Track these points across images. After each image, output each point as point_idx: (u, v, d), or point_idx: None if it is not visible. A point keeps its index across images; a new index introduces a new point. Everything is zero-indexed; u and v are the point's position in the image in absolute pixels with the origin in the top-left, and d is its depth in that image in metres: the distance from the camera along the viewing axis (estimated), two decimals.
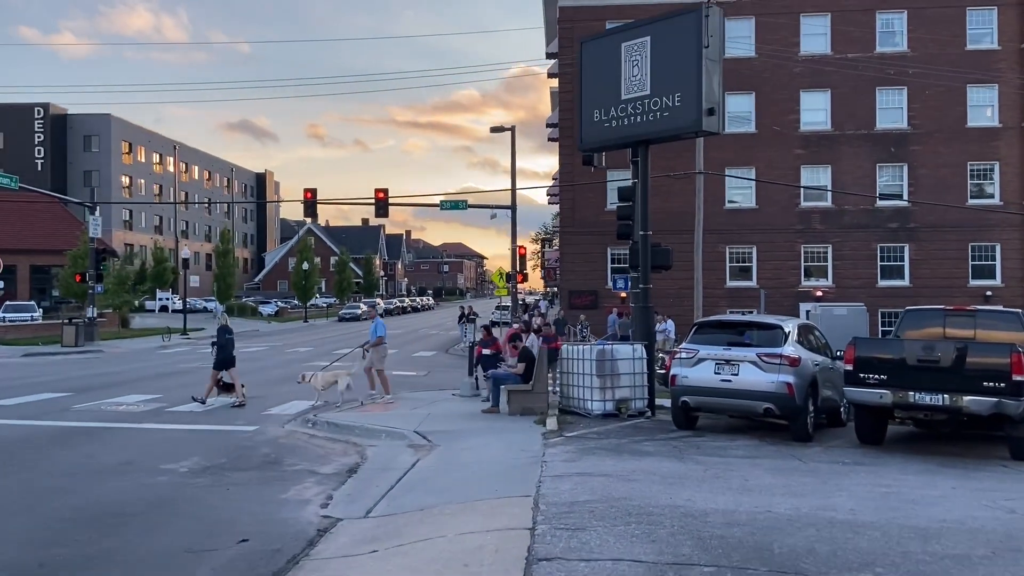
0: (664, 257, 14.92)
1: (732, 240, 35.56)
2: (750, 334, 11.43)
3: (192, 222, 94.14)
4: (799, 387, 10.93)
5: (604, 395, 12.81)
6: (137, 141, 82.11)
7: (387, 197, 35.15)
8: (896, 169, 35.30)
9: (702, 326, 11.96)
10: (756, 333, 11.44)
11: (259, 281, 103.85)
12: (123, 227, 79.61)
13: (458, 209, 36.42)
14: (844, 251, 35.21)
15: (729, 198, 35.92)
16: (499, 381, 13.41)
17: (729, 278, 35.77)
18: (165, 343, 37.11)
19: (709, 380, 11.25)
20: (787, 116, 35.37)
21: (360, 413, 13.96)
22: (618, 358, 12.91)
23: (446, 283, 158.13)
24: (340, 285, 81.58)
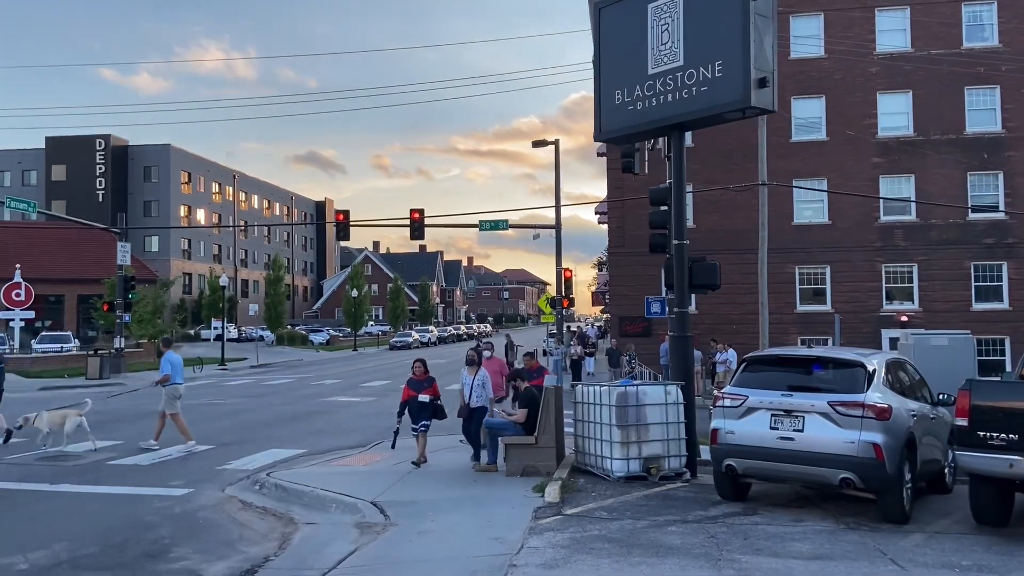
0: (709, 274, 11.94)
1: (802, 260, 31.96)
2: (820, 374, 8.37)
3: (251, 250, 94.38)
4: (891, 449, 7.81)
5: (627, 452, 9.88)
6: (197, 171, 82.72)
7: (423, 218, 33.04)
8: (990, 177, 31.23)
9: (753, 362, 8.92)
10: (828, 373, 8.37)
11: (317, 309, 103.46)
12: (182, 256, 79.99)
13: (498, 229, 33.92)
14: (932, 270, 31.22)
15: (798, 213, 32.37)
16: (495, 432, 10.61)
17: (800, 302, 32.12)
18: (196, 374, 35.49)
19: (763, 438, 8.23)
20: (862, 121, 31.76)
21: (333, 467, 11.36)
22: (646, 403, 9.97)
23: (507, 310, 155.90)
24: (394, 312, 80.00)
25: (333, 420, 18.22)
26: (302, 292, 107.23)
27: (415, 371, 11.45)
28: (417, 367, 11.53)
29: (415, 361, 11.76)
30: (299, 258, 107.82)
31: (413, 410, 11.32)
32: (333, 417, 18.88)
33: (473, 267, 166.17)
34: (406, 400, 11.39)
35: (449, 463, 11.37)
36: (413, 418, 11.38)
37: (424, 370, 11.47)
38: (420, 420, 11.33)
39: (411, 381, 11.46)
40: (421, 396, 11.22)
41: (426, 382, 11.36)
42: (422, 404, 11.21)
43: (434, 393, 11.30)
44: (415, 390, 11.31)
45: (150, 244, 78.63)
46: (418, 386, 11.38)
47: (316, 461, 12.04)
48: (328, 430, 16.39)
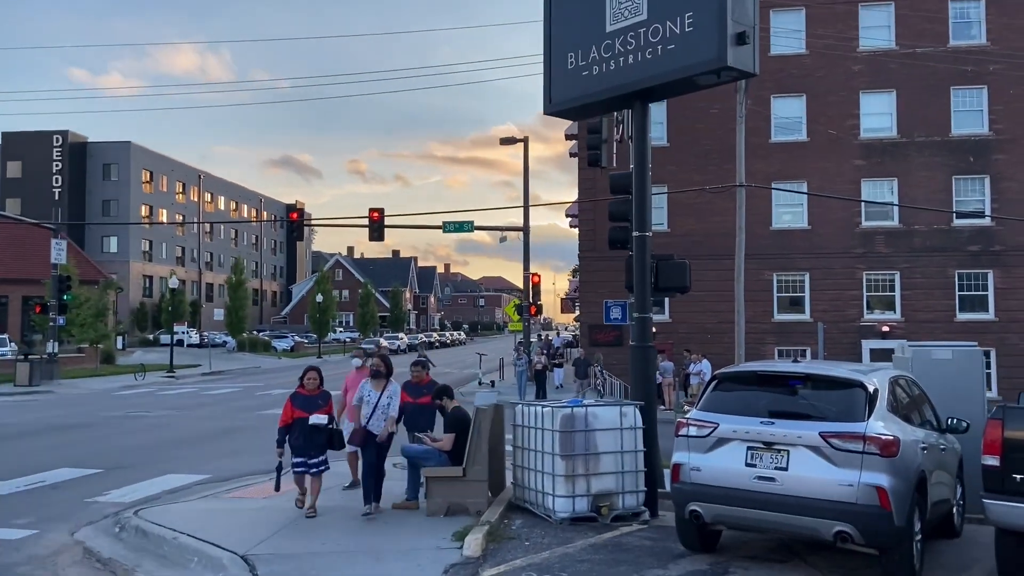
0: (677, 275, 10.20)
1: (780, 266, 30.44)
2: (808, 396, 6.60)
3: (217, 253, 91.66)
4: (899, 494, 6.06)
5: (573, 487, 8.05)
6: (159, 170, 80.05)
7: (382, 218, 31.13)
8: (976, 182, 29.92)
9: (725, 380, 7.10)
10: (819, 395, 6.59)
11: (286, 315, 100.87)
12: (142, 258, 77.31)
13: (463, 231, 32.10)
14: (915, 279, 29.82)
15: (776, 217, 30.87)
16: (416, 462, 8.72)
17: (777, 310, 30.58)
18: (137, 382, 33.23)
19: (737, 477, 6.44)
20: (844, 122, 30.35)
21: (223, 501, 9.43)
22: (596, 428, 8.16)
23: (483, 317, 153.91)
24: (363, 319, 77.79)
25: (259, 438, 16.23)
26: (271, 297, 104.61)
27: (306, 383, 8.55)
28: (310, 379, 8.58)
29: (307, 370, 8.70)
30: (268, 262, 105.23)
31: (301, 437, 8.36)
32: (260, 434, 16.87)
33: (450, 274, 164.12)
34: (289, 423, 8.45)
35: None
36: (299, 449, 8.38)
37: (319, 383, 8.64)
38: (311, 453, 8.35)
39: (298, 397, 8.53)
40: (314, 418, 8.33)
41: (320, 398, 8.55)
42: (314, 429, 8.32)
43: (329, 412, 8.62)
44: (305, 409, 8.43)
45: (108, 245, 75.83)
46: (309, 404, 8.44)
47: (211, 491, 10.10)
48: (247, 450, 14.43)
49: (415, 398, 9.40)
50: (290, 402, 8.58)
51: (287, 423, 8.50)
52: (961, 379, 9.69)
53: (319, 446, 8.46)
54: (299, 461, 8.50)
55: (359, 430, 8.57)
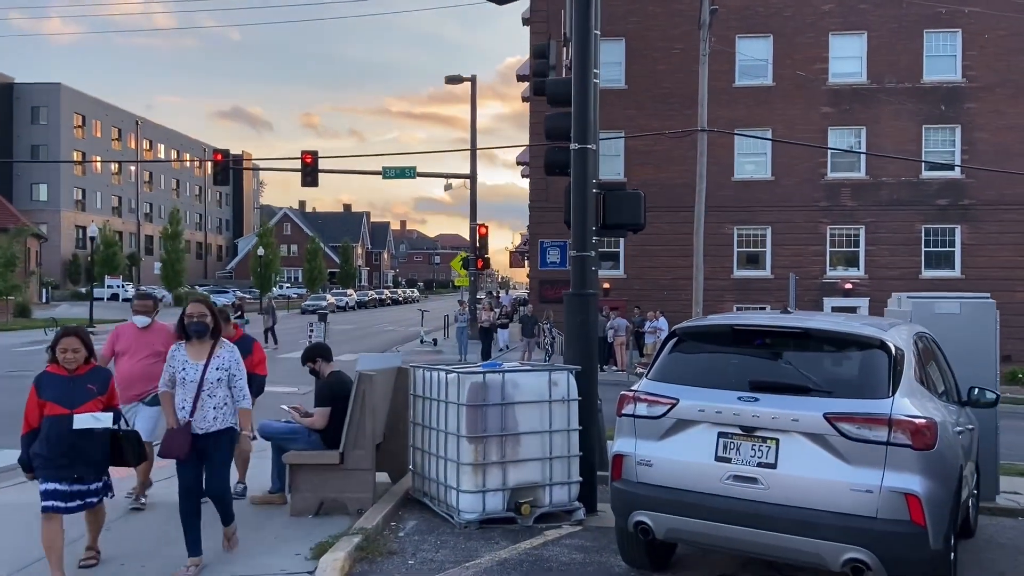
0: (629, 208, 8.23)
1: (742, 220, 28.75)
2: (806, 361, 4.64)
3: (157, 204, 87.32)
4: (936, 504, 4.18)
5: (483, 479, 6.07)
6: (93, 115, 75.28)
7: (315, 161, 28.57)
8: (946, 132, 28.43)
9: (689, 338, 5.08)
10: (822, 359, 4.64)
11: (231, 270, 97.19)
12: (75, 207, 72.97)
13: (405, 178, 29.71)
14: (880, 233, 28.40)
15: (739, 168, 29.08)
16: (279, 443, 6.62)
17: (737, 266, 28.97)
18: (48, 337, 30.41)
19: (703, 475, 4.49)
20: (812, 66, 28.48)
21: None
22: (517, 400, 6.15)
23: (438, 275, 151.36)
24: (310, 274, 74.94)
25: None
26: (216, 251, 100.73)
27: (62, 361, 4.97)
28: (67, 351, 4.94)
29: (61, 337, 5.08)
30: (213, 215, 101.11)
31: (58, 448, 4.88)
32: None
33: (406, 231, 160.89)
34: (36, 427, 4.96)
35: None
36: (55, 469, 4.88)
37: (87, 356, 5.06)
38: (78, 474, 4.94)
39: (49, 382, 5.00)
40: (81, 418, 4.89)
41: (91, 380, 5.05)
42: (81, 436, 4.90)
43: (112, 403, 5.18)
44: (62, 401, 4.94)
45: (37, 193, 71.38)
46: (69, 393, 4.95)
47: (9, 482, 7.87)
48: None
49: None
50: (35, 391, 4.99)
51: (33, 427, 4.96)
52: (970, 337, 7.90)
53: (94, 463, 5.00)
54: (54, 490, 4.88)
55: (178, 432, 5.15)
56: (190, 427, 5.18)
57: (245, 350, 6.51)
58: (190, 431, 5.16)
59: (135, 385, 6.48)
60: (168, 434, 5.24)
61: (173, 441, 5.17)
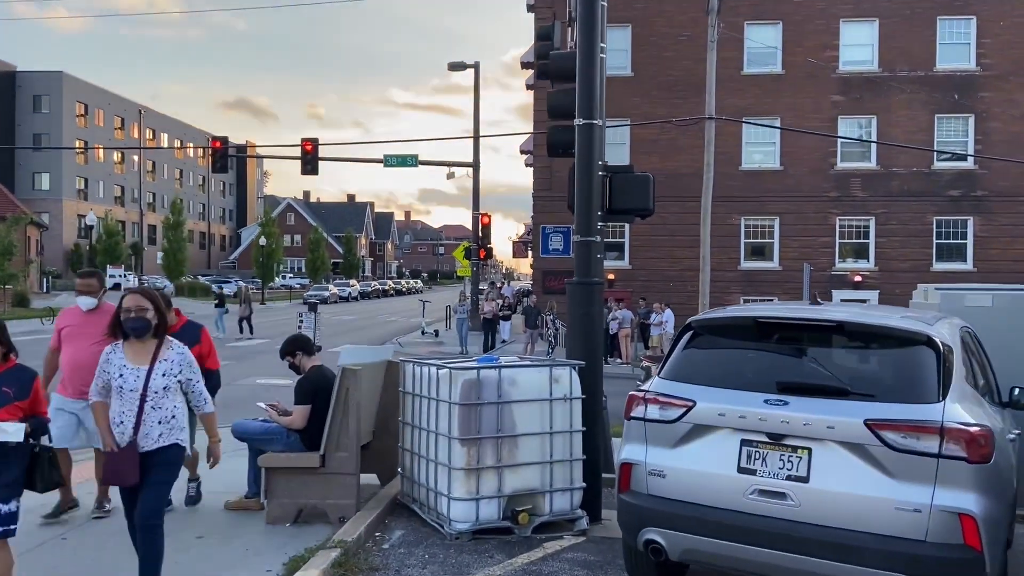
0: (637, 191, 7.71)
1: (750, 210, 28.15)
2: (843, 359, 4.10)
3: (160, 194, 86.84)
4: (993, 525, 3.64)
5: (477, 486, 5.55)
6: (95, 103, 74.75)
7: (316, 149, 28.05)
8: (960, 121, 27.75)
9: (705, 331, 4.52)
10: (861, 357, 4.10)
11: (234, 259, 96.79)
12: (77, 196, 72.54)
13: (407, 166, 29.15)
14: (891, 225, 27.79)
15: (746, 157, 28.45)
16: (254, 444, 6.10)
17: (744, 258, 28.38)
18: (44, 326, 29.99)
19: (724, 489, 3.95)
20: (823, 53, 27.80)
21: None
22: (514, 399, 5.63)
23: (443, 266, 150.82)
24: (313, 264, 74.41)
25: None
26: (220, 241, 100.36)
27: None
28: None
29: None
30: (217, 205, 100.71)
31: None
32: None
33: (410, 222, 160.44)
34: None
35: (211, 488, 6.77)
36: None
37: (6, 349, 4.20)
38: None
39: None
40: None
41: (9, 378, 4.14)
42: None
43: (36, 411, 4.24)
44: None
45: (39, 182, 71.03)
46: None
47: None
48: None
49: None
50: None
51: None
52: (1004, 332, 7.32)
53: (6, 485, 4.05)
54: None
55: (121, 455, 4.21)
56: (136, 448, 4.14)
57: (191, 339, 5.71)
58: (136, 452, 4.14)
59: (81, 376, 5.53)
60: (109, 458, 4.24)
61: (117, 466, 4.15)
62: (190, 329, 6.09)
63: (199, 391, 4.45)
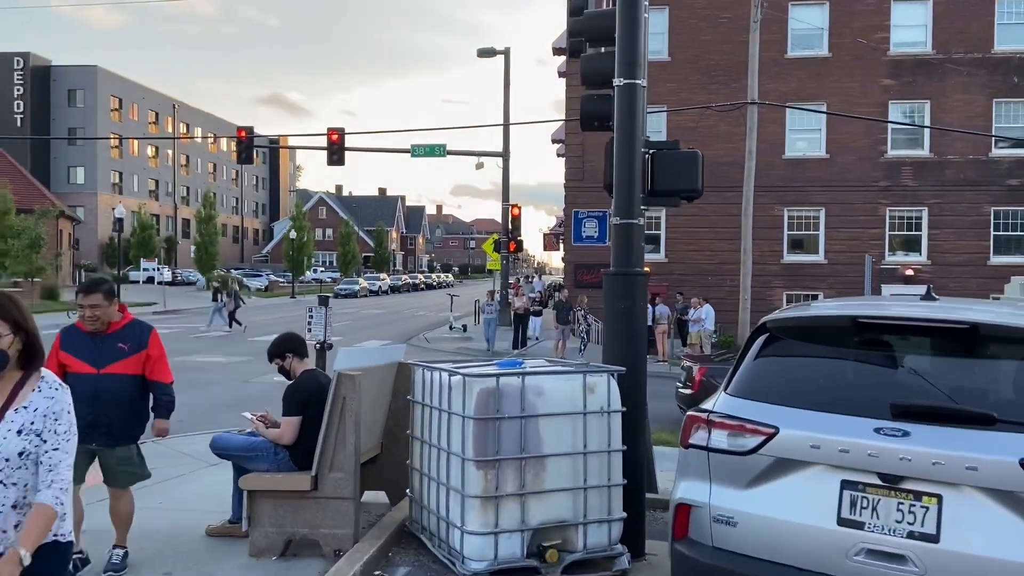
0: (684, 170, 6.72)
1: (793, 201, 26.82)
2: (977, 375, 3.07)
3: (195, 187, 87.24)
4: None
5: (496, 516, 4.60)
6: (129, 97, 75.17)
7: (342, 139, 27.34)
8: (1020, 106, 26.17)
9: (786, 334, 3.49)
10: (1004, 372, 3.07)
11: (267, 253, 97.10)
12: (112, 190, 73.05)
13: (435, 155, 28.35)
14: (944, 216, 26.28)
15: (790, 145, 27.11)
16: (234, 460, 5.21)
17: (787, 250, 27.06)
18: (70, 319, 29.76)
19: (816, 546, 2.94)
20: (872, 35, 26.34)
21: None
22: (540, 411, 4.66)
23: (474, 260, 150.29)
24: (344, 258, 74.12)
25: None
26: (252, 235, 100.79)
27: None
28: None
29: None
30: (250, 199, 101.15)
31: None
32: None
33: (442, 216, 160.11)
34: None
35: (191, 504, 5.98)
36: None
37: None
38: None
39: None
40: None
41: None
42: None
43: None
44: None
45: (75, 176, 71.68)
46: None
47: None
48: None
49: (97, 365, 4.51)
50: None
51: None
52: None
53: None
54: None
55: None
56: None
57: (136, 343, 4.63)
58: None
59: None
60: None
61: None
62: (134, 330, 4.77)
63: (55, 464, 2.65)
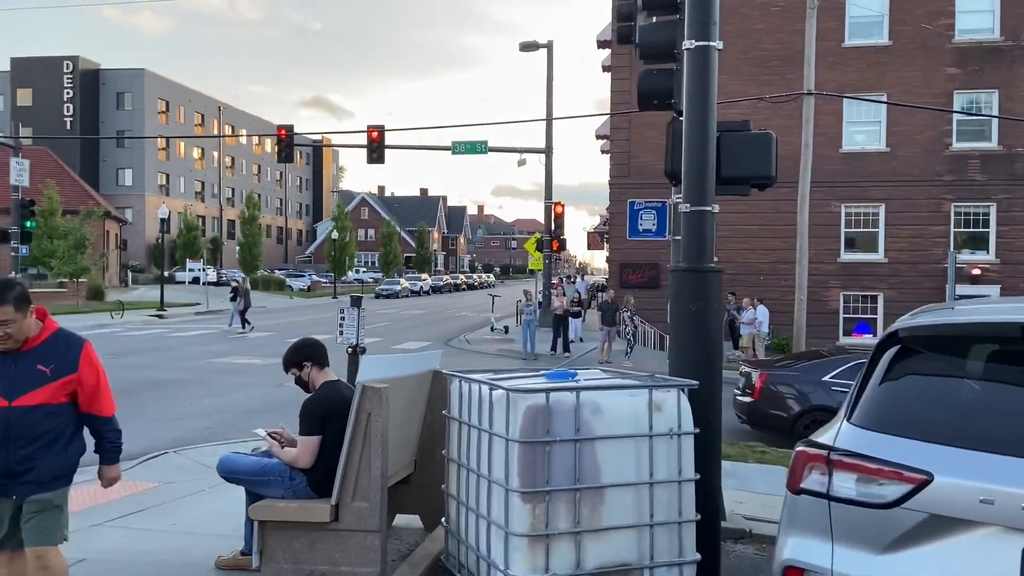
0: (756, 153, 5.93)
1: (851, 196, 25.59)
2: None
3: (239, 189, 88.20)
4: None
5: (546, 558, 3.85)
6: (176, 100, 76.24)
7: (382, 137, 26.92)
8: None
9: (923, 344, 2.68)
10: None
11: (310, 254, 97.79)
12: (159, 192, 74.14)
13: (476, 152, 27.75)
14: (1014, 212, 24.82)
15: (847, 138, 25.88)
16: (248, 488, 4.56)
17: (844, 248, 25.83)
18: (113, 320, 29.82)
19: None
20: (936, 21, 24.98)
21: None
22: (599, 434, 3.90)
23: (515, 260, 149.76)
24: (385, 258, 74.09)
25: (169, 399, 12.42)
26: (296, 236, 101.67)
27: None
28: None
29: None
30: (294, 200, 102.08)
31: None
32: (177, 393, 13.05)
33: (483, 216, 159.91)
34: None
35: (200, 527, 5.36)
36: None
37: None
38: None
39: None
40: None
41: None
42: None
43: None
44: None
45: (123, 178, 72.95)
46: None
47: None
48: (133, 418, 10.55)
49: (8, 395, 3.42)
50: None
51: None
52: None
53: None
54: None
55: None
56: None
57: (62, 364, 3.48)
58: None
59: None
60: None
61: None
62: (58, 346, 3.51)
63: None
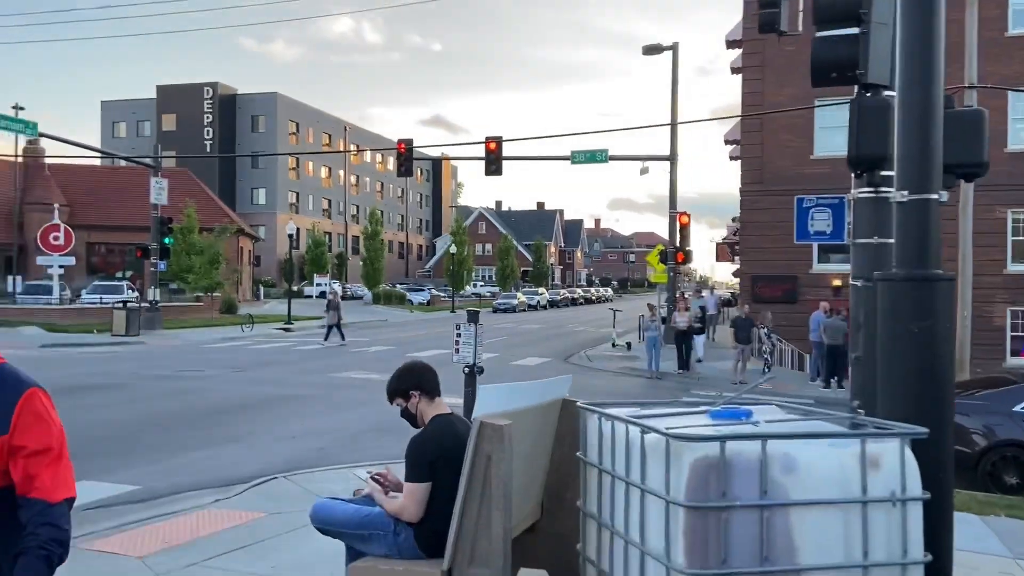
0: (968, 137, 4.64)
1: (1019, 201, 22.97)
2: None
3: (363, 206, 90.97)
4: None
5: None
6: (305, 121, 79.62)
7: (500, 148, 26.52)
8: None
9: None
10: None
11: (430, 269, 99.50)
12: (289, 210, 77.41)
13: (596, 162, 26.88)
14: None
15: (1013, 135, 23.29)
16: (346, 541, 3.79)
17: (1012, 259, 23.18)
18: (244, 332, 30.71)
19: None
20: None
21: None
22: (794, 499, 2.86)
23: (633, 274, 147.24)
24: (502, 272, 74.13)
25: (292, 414, 12.09)
26: (416, 251, 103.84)
27: None
28: None
29: None
30: (414, 216, 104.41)
31: None
32: (298, 408, 12.73)
33: (600, 230, 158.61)
34: None
35: None
36: None
37: None
38: None
39: None
40: None
41: None
42: None
43: None
44: None
45: (257, 197, 76.64)
46: None
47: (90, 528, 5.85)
48: (255, 434, 10.26)
49: None
50: None
51: None
52: None
53: None
54: None
55: None
56: None
57: None
58: None
59: None
60: None
61: None
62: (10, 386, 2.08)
63: None
